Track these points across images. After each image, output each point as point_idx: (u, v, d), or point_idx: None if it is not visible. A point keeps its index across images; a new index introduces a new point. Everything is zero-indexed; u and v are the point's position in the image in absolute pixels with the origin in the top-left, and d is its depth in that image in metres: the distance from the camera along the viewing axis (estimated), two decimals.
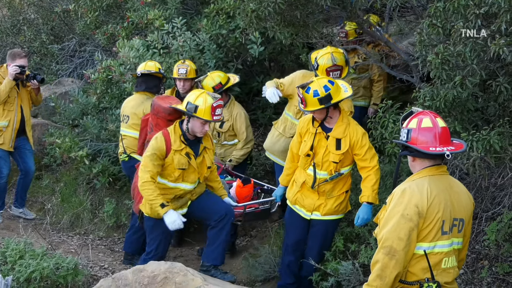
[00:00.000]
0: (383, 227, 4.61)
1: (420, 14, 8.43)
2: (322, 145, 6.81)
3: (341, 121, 6.80)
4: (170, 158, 6.91)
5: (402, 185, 4.70)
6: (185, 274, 6.33)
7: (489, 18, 5.64)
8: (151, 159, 6.83)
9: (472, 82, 5.81)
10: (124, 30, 10.73)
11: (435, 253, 4.63)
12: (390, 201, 4.69)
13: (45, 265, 6.86)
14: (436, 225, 4.58)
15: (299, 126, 7.08)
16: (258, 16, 7.67)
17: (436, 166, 4.69)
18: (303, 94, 6.61)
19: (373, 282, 4.60)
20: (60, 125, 11.25)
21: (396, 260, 4.50)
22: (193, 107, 6.81)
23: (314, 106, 6.60)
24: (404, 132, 4.70)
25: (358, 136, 6.75)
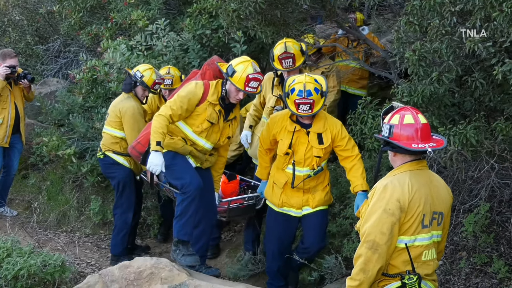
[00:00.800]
0: (366, 222, 4.62)
1: (397, 12, 8.47)
2: (303, 141, 6.70)
3: (319, 115, 6.70)
4: (203, 108, 6.68)
5: (384, 180, 4.71)
6: (171, 269, 6.31)
7: (464, 15, 5.67)
8: (182, 100, 6.58)
9: (448, 78, 5.84)
10: (108, 30, 10.73)
11: (415, 246, 4.64)
12: (372, 196, 4.70)
13: (33, 262, 6.81)
14: (417, 219, 4.59)
15: (270, 125, 6.93)
16: (239, 16, 7.68)
17: (417, 161, 4.71)
18: (312, 98, 6.46)
19: (356, 276, 4.60)
20: (46, 125, 11.21)
21: (379, 254, 4.52)
22: (231, 71, 6.58)
23: (320, 103, 6.57)
24: (386, 127, 4.71)
25: (337, 128, 6.69)
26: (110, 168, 8.33)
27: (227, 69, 6.63)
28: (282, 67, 7.67)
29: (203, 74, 6.99)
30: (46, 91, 12.15)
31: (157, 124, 6.47)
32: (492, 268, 6.74)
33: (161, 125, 6.46)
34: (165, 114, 6.48)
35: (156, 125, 6.46)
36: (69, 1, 11.50)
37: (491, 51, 5.28)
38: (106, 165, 8.38)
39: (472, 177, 6.93)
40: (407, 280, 4.62)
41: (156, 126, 6.46)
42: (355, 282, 4.61)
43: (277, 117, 6.91)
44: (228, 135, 6.97)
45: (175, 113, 6.53)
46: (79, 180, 10.27)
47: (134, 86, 8.22)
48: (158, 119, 6.49)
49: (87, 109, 10.50)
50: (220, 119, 6.78)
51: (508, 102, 5.96)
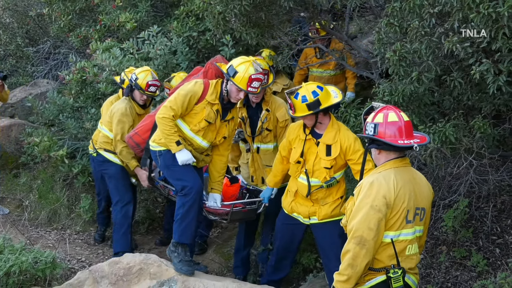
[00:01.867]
0: (353, 218, 4.64)
1: (378, 14, 8.47)
2: (313, 151, 6.42)
3: (331, 126, 6.38)
4: (201, 107, 6.55)
5: (370, 177, 4.74)
6: (159, 265, 6.33)
7: (443, 16, 5.70)
8: (182, 99, 6.45)
9: (428, 78, 5.86)
10: (96, 32, 10.72)
11: (400, 241, 4.69)
12: (358, 192, 4.73)
13: (24, 259, 6.80)
14: (402, 215, 4.64)
15: (288, 132, 6.70)
16: (224, 18, 7.68)
17: (400, 158, 4.76)
18: (292, 99, 6.25)
19: (344, 271, 4.63)
20: (37, 125, 11.18)
21: (367, 249, 4.55)
22: (232, 71, 6.43)
23: (303, 112, 6.22)
24: (371, 126, 4.75)
25: (350, 141, 6.29)
26: (102, 165, 8.28)
27: (228, 69, 6.50)
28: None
29: (205, 73, 6.91)
30: (37, 92, 12.12)
31: (165, 127, 6.42)
32: (471, 262, 6.79)
33: (170, 127, 6.42)
34: (168, 116, 6.40)
35: (165, 128, 6.42)
36: (59, 3, 11.48)
37: (469, 51, 5.31)
38: (98, 163, 8.33)
39: (451, 173, 6.97)
40: (392, 274, 4.67)
41: (166, 130, 6.42)
42: (343, 277, 4.64)
43: (295, 125, 6.68)
44: (224, 135, 6.81)
45: (176, 112, 6.46)
46: (69, 179, 10.25)
47: (131, 89, 8.05)
48: (163, 123, 6.42)
49: (77, 110, 10.48)
50: (217, 119, 6.65)
51: (486, 101, 6.00)
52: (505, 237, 6.90)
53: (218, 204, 7.00)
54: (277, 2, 7.34)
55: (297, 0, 7.49)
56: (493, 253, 6.84)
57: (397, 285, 4.70)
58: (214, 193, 7.02)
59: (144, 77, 7.92)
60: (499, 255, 6.77)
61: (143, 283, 6.24)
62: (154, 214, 9.94)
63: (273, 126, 7.42)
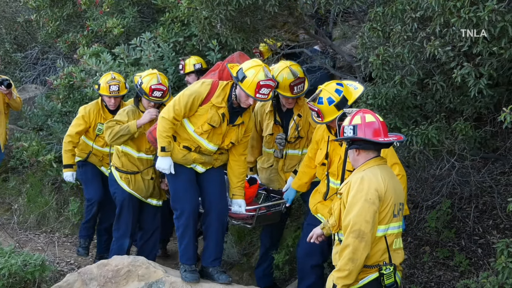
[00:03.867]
0: (348, 213, 4.66)
1: (361, 19, 8.49)
2: (337, 152, 5.97)
3: None
4: (205, 109, 6.17)
5: (357, 174, 4.79)
6: (147, 267, 6.31)
7: (425, 21, 5.72)
8: (186, 99, 6.13)
9: (410, 81, 5.88)
10: (84, 38, 10.70)
11: (388, 235, 4.75)
12: (347, 190, 4.76)
13: (13, 262, 6.78)
14: (391, 209, 4.72)
15: (315, 133, 6.32)
16: (210, 23, 7.67)
17: (379, 157, 4.81)
18: (317, 106, 5.79)
19: (345, 266, 4.62)
20: (26, 130, 11.13)
21: (366, 242, 4.57)
22: (241, 75, 5.99)
23: (333, 115, 5.77)
24: (350, 128, 4.79)
25: None
26: (112, 186, 7.47)
27: (237, 72, 6.07)
28: (292, 93, 6.66)
29: (221, 71, 6.46)
30: (25, 97, 12.05)
31: (161, 128, 6.19)
32: (454, 262, 6.81)
33: (165, 129, 6.18)
34: (168, 117, 6.15)
35: (160, 129, 6.20)
36: (46, 10, 11.44)
37: (450, 55, 5.32)
38: (110, 182, 7.50)
39: (434, 175, 7.00)
40: (384, 271, 4.70)
41: (160, 130, 6.20)
42: (344, 272, 4.63)
43: (322, 126, 6.20)
44: (232, 139, 6.39)
45: (178, 113, 6.16)
46: (58, 183, 10.20)
47: (138, 96, 7.38)
48: (161, 123, 6.20)
49: (65, 114, 10.43)
50: (224, 123, 6.25)
51: (467, 104, 6.02)
52: (486, 237, 6.92)
53: (243, 210, 6.61)
54: (262, 7, 7.34)
55: (282, 6, 7.49)
56: (475, 253, 6.86)
57: (389, 282, 4.73)
58: (237, 199, 6.62)
59: (148, 81, 7.18)
60: (481, 255, 6.79)
61: (132, 285, 6.21)
62: None
63: (305, 133, 6.90)
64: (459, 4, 4.94)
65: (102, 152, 8.07)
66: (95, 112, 7.94)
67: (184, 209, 6.36)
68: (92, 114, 7.90)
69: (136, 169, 7.29)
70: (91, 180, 8.19)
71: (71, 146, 7.92)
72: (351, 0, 6.56)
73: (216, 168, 6.60)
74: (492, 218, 7.17)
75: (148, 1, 10.32)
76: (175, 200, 6.44)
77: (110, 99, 7.91)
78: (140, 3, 10.57)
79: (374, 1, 6.96)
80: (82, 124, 7.89)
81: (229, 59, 6.53)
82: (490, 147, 6.99)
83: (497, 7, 4.75)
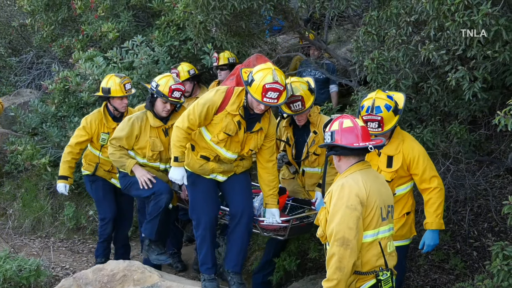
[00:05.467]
0: (331, 222, 4.62)
1: (356, 23, 8.51)
2: (374, 163, 5.67)
3: (395, 136, 5.72)
4: (220, 118, 5.96)
5: (338, 181, 4.76)
6: (143, 271, 6.30)
7: (419, 25, 5.75)
8: (200, 108, 5.92)
9: (405, 85, 5.91)
10: (79, 42, 10.70)
11: (380, 239, 4.70)
12: (329, 198, 4.73)
13: (8, 267, 6.76)
14: (377, 212, 4.66)
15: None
16: (206, 27, 7.70)
17: (362, 161, 4.80)
18: (380, 115, 5.46)
19: (333, 275, 4.57)
20: (20, 134, 11.11)
21: (351, 249, 4.52)
22: (250, 79, 5.77)
23: (392, 121, 5.53)
24: (328, 134, 4.78)
25: (414, 154, 5.63)
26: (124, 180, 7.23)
27: (248, 76, 5.87)
28: (290, 110, 6.43)
29: (239, 76, 6.16)
30: (20, 101, 12.03)
31: (175, 137, 6.03)
32: (449, 265, 6.83)
33: (179, 139, 6.02)
34: (182, 127, 5.97)
35: (174, 138, 6.04)
36: (41, 14, 11.46)
37: (445, 58, 5.35)
38: (121, 179, 7.26)
39: None
40: (382, 277, 4.66)
41: (174, 140, 6.04)
42: (332, 282, 4.58)
43: None
44: (251, 147, 6.17)
45: (193, 123, 5.96)
46: (53, 187, 10.18)
47: (153, 100, 7.03)
48: (175, 132, 6.03)
49: (60, 118, 10.42)
50: (241, 131, 6.02)
51: (462, 107, 6.05)
52: (482, 240, 6.94)
53: (278, 220, 6.30)
54: (257, 11, 7.37)
55: (277, 10, 7.52)
56: (471, 256, 6.88)
57: (387, 287, 4.71)
58: (271, 208, 6.33)
59: (166, 83, 6.92)
60: (476, 258, 6.82)
61: None
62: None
63: (321, 151, 6.56)
64: (453, 8, 4.96)
65: (110, 162, 7.61)
66: (97, 122, 7.63)
67: (201, 220, 6.28)
68: (94, 124, 7.61)
69: None
70: (103, 197, 7.87)
71: (70, 157, 7.71)
72: (346, 4, 6.59)
73: (239, 174, 6.41)
74: (487, 221, 7.19)
75: (143, 5, 10.33)
76: (193, 211, 6.35)
77: (123, 101, 7.61)
78: (135, 7, 10.58)
79: (369, 5, 7.00)
80: (83, 135, 7.64)
81: (246, 63, 6.38)
82: (485, 150, 7.02)
83: (491, 11, 4.78)
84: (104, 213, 7.86)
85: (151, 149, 6.99)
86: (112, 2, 10.39)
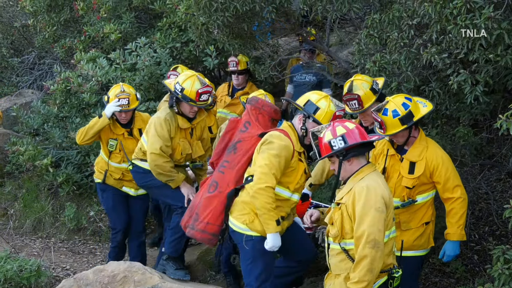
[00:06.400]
0: (361, 224, 4.62)
1: (358, 26, 8.52)
2: (396, 168, 5.59)
3: (419, 142, 5.56)
4: (296, 162, 5.55)
5: (359, 183, 4.75)
6: (144, 272, 6.30)
7: (421, 28, 5.75)
8: (278, 160, 5.41)
9: (407, 88, 5.91)
10: (81, 43, 10.74)
11: (391, 238, 4.82)
12: (352, 200, 4.72)
13: (9, 267, 6.76)
14: (392, 213, 4.79)
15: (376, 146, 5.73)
16: (208, 29, 7.70)
17: (371, 163, 4.89)
18: (381, 117, 5.37)
19: (364, 277, 4.58)
20: (22, 134, 11.11)
21: (381, 251, 4.58)
22: (313, 108, 5.47)
23: (396, 128, 5.38)
24: (339, 140, 4.75)
25: (438, 161, 5.48)
26: (145, 178, 6.99)
27: (305, 106, 5.51)
28: (349, 109, 6.11)
29: (258, 121, 5.87)
30: (21, 102, 12.05)
31: (266, 200, 5.39)
32: (450, 268, 6.82)
33: (271, 199, 5.41)
34: (270, 184, 5.40)
35: (267, 201, 5.39)
36: (44, 15, 11.48)
37: (447, 62, 5.35)
38: (138, 175, 7.07)
39: None
40: (395, 274, 4.78)
41: (268, 202, 5.39)
42: (363, 283, 4.59)
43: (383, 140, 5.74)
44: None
45: (277, 177, 5.46)
46: (54, 188, 10.19)
47: (177, 100, 6.72)
48: (263, 193, 5.38)
49: (62, 119, 10.42)
50: (307, 167, 5.74)
51: (463, 110, 6.04)
52: (483, 244, 6.93)
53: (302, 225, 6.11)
54: (259, 13, 7.37)
55: (279, 12, 7.52)
56: (472, 260, 6.87)
57: (396, 284, 4.81)
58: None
59: (192, 85, 6.55)
60: (477, 262, 6.81)
61: None
62: None
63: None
64: (455, 11, 4.96)
65: (120, 169, 7.47)
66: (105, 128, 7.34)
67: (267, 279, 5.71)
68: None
69: None
70: (113, 208, 7.65)
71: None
72: (348, 7, 6.59)
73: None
74: (488, 224, 7.19)
75: (146, 6, 10.33)
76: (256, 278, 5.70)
77: (121, 114, 7.34)
78: (138, 9, 10.59)
79: (371, 8, 7.00)
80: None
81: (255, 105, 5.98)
82: (486, 154, 7.02)
83: (494, 15, 4.78)
84: (114, 223, 7.77)
85: (181, 153, 6.80)
86: (114, 4, 10.42)
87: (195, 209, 6.00)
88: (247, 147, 5.85)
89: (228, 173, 5.86)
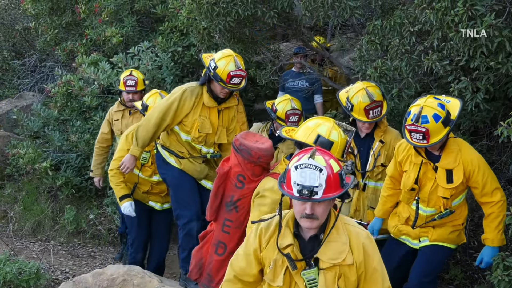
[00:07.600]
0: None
1: (359, 32, 8.55)
2: (430, 177, 5.25)
3: (450, 146, 5.20)
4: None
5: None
6: (143, 276, 6.30)
7: (423, 35, 5.77)
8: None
9: (408, 94, 5.92)
10: (83, 46, 10.75)
11: None
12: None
13: (8, 270, 6.76)
14: None
15: (397, 151, 5.50)
16: (209, 34, 7.72)
17: None
18: (425, 126, 4.91)
19: None
20: (22, 137, 11.12)
21: None
22: (325, 142, 4.72)
23: (440, 133, 5.00)
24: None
25: (474, 165, 5.12)
26: (161, 168, 6.77)
27: (319, 141, 4.70)
28: (367, 118, 5.92)
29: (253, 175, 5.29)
30: (22, 105, 12.04)
31: None
32: (449, 275, 6.82)
33: None
34: None
35: None
36: (45, 17, 11.50)
37: (448, 69, 5.37)
38: (159, 163, 6.79)
39: None
40: None
41: None
42: None
43: (404, 143, 5.42)
44: None
45: None
46: (54, 191, 10.20)
47: (209, 79, 6.36)
48: None
49: (62, 122, 10.44)
50: None
51: (464, 117, 6.05)
52: None
53: None
54: (261, 18, 7.39)
55: (281, 18, 7.54)
56: (471, 267, 6.87)
57: None
58: None
59: (225, 65, 6.20)
60: (477, 269, 6.80)
61: None
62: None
63: (389, 161, 5.90)
64: (457, 18, 4.98)
65: (150, 181, 7.24)
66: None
67: None
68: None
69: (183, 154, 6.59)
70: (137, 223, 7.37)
71: None
72: (349, 13, 6.60)
73: None
74: None
75: (147, 10, 10.36)
76: None
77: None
78: (139, 13, 10.60)
79: (373, 14, 7.02)
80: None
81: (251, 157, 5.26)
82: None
83: (495, 22, 4.80)
84: (133, 237, 7.49)
85: (199, 130, 6.44)
86: (116, 7, 10.42)
87: (205, 268, 5.72)
88: (249, 204, 5.28)
89: (234, 232, 5.48)
